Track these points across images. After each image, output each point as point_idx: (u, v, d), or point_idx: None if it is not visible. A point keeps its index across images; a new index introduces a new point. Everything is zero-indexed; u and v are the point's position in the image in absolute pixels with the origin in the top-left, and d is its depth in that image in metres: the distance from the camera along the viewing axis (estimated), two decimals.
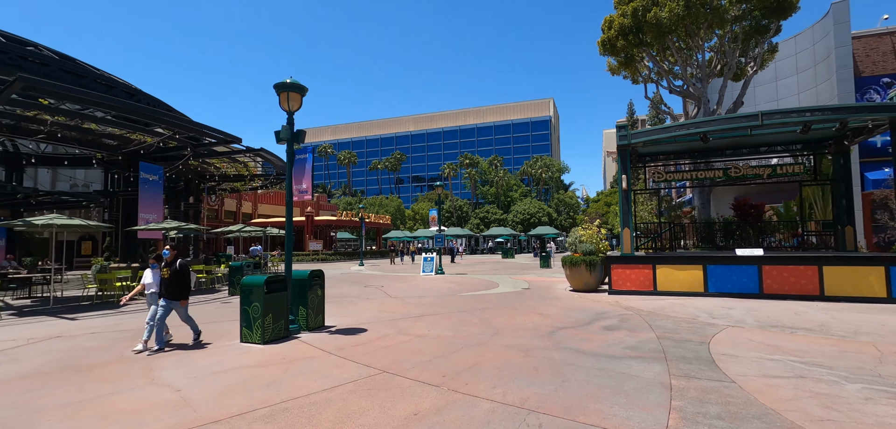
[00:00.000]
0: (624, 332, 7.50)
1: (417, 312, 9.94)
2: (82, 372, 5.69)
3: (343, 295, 13.67)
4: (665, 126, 12.13)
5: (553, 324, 8.33)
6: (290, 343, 7.02)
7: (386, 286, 16.16)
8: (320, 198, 58.74)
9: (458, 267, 27.95)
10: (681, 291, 11.75)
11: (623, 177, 12.91)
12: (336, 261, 37.92)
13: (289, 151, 7.91)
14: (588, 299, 11.61)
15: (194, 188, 22.26)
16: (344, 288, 15.83)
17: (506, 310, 10.11)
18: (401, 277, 20.02)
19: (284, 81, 7.81)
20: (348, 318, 9.38)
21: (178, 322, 8.89)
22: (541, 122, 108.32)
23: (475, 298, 12.52)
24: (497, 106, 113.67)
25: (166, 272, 7.10)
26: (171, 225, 14.83)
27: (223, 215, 40.57)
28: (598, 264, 13.32)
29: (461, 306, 10.77)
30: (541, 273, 21.35)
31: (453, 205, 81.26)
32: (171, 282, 7.02)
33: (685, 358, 5.85)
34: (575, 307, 10.29)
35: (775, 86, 29.15)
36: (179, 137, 15.30)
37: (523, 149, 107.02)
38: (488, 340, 7.10)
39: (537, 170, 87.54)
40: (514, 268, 25.85)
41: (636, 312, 9.38)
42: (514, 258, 39.64)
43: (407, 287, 15.75)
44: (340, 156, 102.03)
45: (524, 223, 70.94)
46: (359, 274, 22.97)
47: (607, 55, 20.42)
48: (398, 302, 11.79)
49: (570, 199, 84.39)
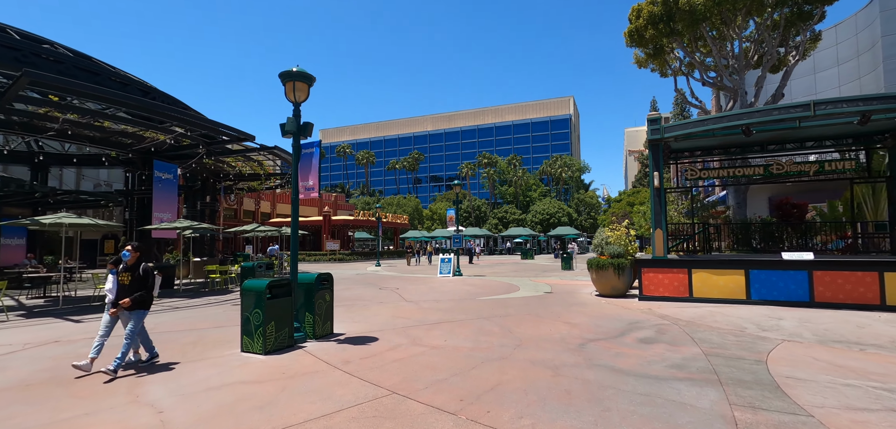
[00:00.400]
0: (664, 346, 6.68)
1: (433, 319, 9.27)
2: (65, 386, 5.20)
3: (356, 298, 13.11)
4: (703, 118, 11.17)
5: (582, 335, 7.54)
6: (294, 354, 6.43)
7: (401, 289, 15.56)
8: (338, 198, 58.73)
9: (476, 268, 27.22)
10: (720, 297, 10.78)
11: (655, 174, 11.99)
12: (353, 261, 37.60)
13: (295, 144, 7.34)
14: (617, 306, 10.75)
15: (210, 187, 22.10)
16: (358, 290, 15.28)
17: (529, 317, 9.35)
18: (417, 279, 19.41)
19: (290, 70, 7.24)
20: (359, 324, 8.77)
21: (170, 330, 8.41)
22: (560, 120, 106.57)
23: (495, 303, 11.78)
24: (516, 105, 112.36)
25: (126, 278, 5.88)
26: (184, 224, 14.54)
27: (242, 215, 40.74)
28: (627, 268, 12.43)
29: (480, 312, 10.06)
30: (563, 276, 20.45)
31: (471, 205, 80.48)
32: (132, 290, 5.82)
33: (743, 381, 5.01)
34: (604, 315, 9.46)
35: (813, 78, 27.54)
36: (192, 134, 15.00)
37: (543, 148, 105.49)
38: (511, 353, 6.38)
39: (557, 169, 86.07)
40: (535, 270, 24.97)
41: (673, 322, 8.51)
42: (534, 259, 38.65)
43: (423, 290, 15.11)
44: (358, 156, 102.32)
45: (543, 223, 69.68)
46: (375, 275, 22.46)
47: (634, 47, 19.39)
48: (413, 306, 11.14)
49: (590, 199, 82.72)
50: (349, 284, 17.66)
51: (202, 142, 15.90)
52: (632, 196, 63.61)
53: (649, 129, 11.96)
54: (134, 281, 5.88)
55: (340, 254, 38.54)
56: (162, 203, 16.59)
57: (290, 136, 7.33)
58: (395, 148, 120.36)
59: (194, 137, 15.37)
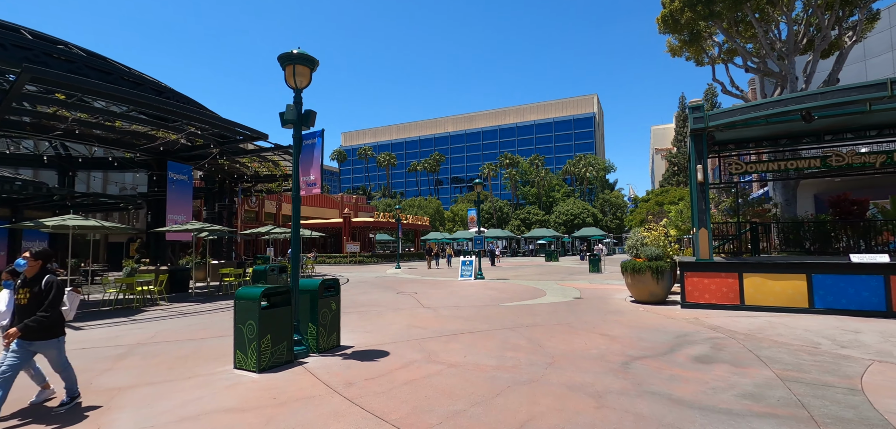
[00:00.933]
0: (725, 367, 5.60)
1: (452, 328, 8.37)
2: (26, 417, 4.52)
3: (372, 303, 12.32)
4: (755, 103, 9.93)
5: (624, 350, 6.51)
6: (291, 373, 5.63)
7: (420, 293, 14.72)
8: (359, 200, 58.54)
9: (498, 271, 26.19)
10: (776, 305, 9.52)
11: (698, 168, 10.79)
12: (373, 263, 37.06)
13: (295, 135, 6.58)
14: (658, 314, 9.62)
15: (228, 189, 21.79)
16: (374, 294, 14.52)
17: (560, 328, 8.34)
18: (437, 283, 18.54)
19: (290, 52, 6.48)
20: (370, 335, 7.94)
21: (169, 339, 7.75)
22: (584, 119, 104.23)
23: (520, 309, 10.80)
24: (538, 104, 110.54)
25: (24, 296, 4.23)
26: (196, 226, 14.08)
27: (263, 217, 40.76)
28: (667, 271, 11.26)
29: (504, 321, 9.10)
30: (592, 279, 19.24)
31: (493, 206, 79.28)
32: (29, 311, 4.19)
33: (843, 419, 3.94)
34: (646, 325, 8.37)
35: (864, 65, 25.48)
36: (205, 133, 14.56)
37: (566, 148, 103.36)
38: (542, 374, 5.42)
39: (581, 169, 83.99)
40: (561, 272, 23.80)
41: (729, 335, 7.37)
42: (559, 261, 37.32)
43: (442, 294, 14.23)
44: (380, 158, 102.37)
45: (567, 224, 67.94)
46: (394, 278, 21.72)
47: (668, 33, 18.06)
48: (431, 314, 10.26)
49: (616, 199, 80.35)
50: (366, 287, 16.94)
51: (215, 141, 15.45)
52: (660, 195, 61.27)
53: (692, 117, 10.78)
54: (33, 299, 4.22)
55: (361, 256, 38.07)
56: (176, 205, 16.23)
57: (290, 126, 6.57)
58: (416, 150, 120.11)
59: (207, 136, 14.93)
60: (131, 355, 6.76)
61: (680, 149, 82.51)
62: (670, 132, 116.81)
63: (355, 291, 15.82)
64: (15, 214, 17.79)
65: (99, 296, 14.28)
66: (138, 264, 16.89)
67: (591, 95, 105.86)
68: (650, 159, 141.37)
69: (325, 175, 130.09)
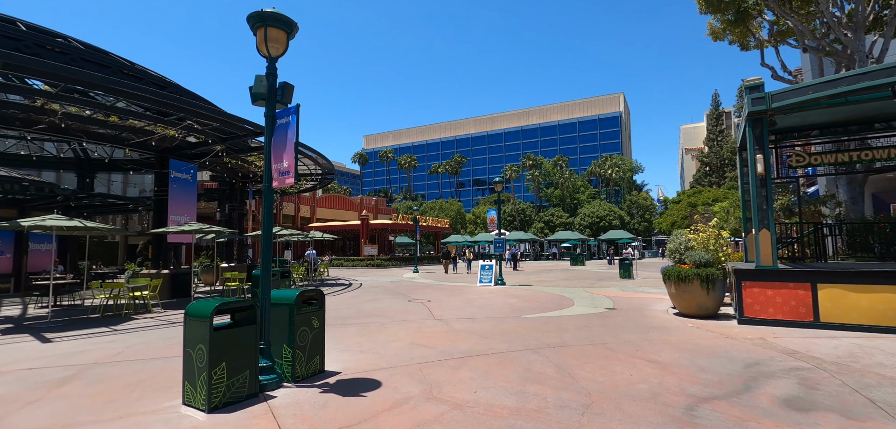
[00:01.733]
0: (834, 418, 4.07)
1: (464, 348, 7.01)
2: None
3: (377, 312, 11.07)
4: (832, 78, 8.23)
5: (682, 386, 5.02)
6: (248, 413, 4.39)
7: (434, 301, 13.41)
8: (379, 202, 57.77)
9: (521, 275, 24.67)
10: (863, 324, 7.79)
11: (758, 158, 9.12)
12: (391, 267, 36.00)
13: (268, 114, 5.37)
14: (712, 332, 8.03)
15: (238, 189, 21.02)
16: (384, 301, 13.28)
17: (594, 349, 6.88)
18: (454, 289, 17.20)
19: (262, 11, 5.28)
20: (365, 356, 6.66)
21: (133, 358, 6.67)
22: (610, 118, 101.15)
23: (545, 323, 9.35)
24: (561, 104, 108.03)
25: None
26: (194, 227, 13.17)
27: (281, 219, 40.27)
28: (719, 280, 9.61)
29: (526, 339, 7.69)
30: (623, 286, 17.53)
31: (516, 208, 77.44)
32: None
33: None
34: (701, 348, 6.82)
35: None
36: (205, 128, 13.65)
37: (591, 148, 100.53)
38: (577, 421, 4.01)
39: (606, 170, 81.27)
40: (588, 277, 22.10)
41: (815, 365, 5.77)
42: (585, 266, 35.42)
43: (458, 303, 12.87)
44: (401, 160, 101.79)
45: (593, 227, 65.54)
46: (410, 283, 20.50)
47: (709, 14, 16.28)
48: (441, 328, 8.92)
49: (644, 200, 77.28)
50: (377, 293, 15.73)
51: (217, 138, 14.55)
52: (693, 196, 58.31)
53: (749, 99, 9.12)
54: None
55: (379, 259, 37.08)
56: (179, 205, 15.42)
57: (262, 102, 5.37)
58: (437, 152, 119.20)
59: (208, 131, 14.03)
60: (77, 378, 5.67)
61: (712, 148, 78.83)
62: (701, 131, 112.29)
63: (364, 297, 14.64)
64: (21, 214, 17.37)
65: (96, 301, 13.53)
66: (141, 268, 16.17)
67: (617, 94, 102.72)
68: (679, 160, 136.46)
69: (345, 178, 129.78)
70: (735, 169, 70.69)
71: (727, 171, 72.01)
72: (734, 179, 66.02)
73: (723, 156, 73.79)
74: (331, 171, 21.39)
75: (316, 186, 25.92)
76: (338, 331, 8.60)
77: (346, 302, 13.38)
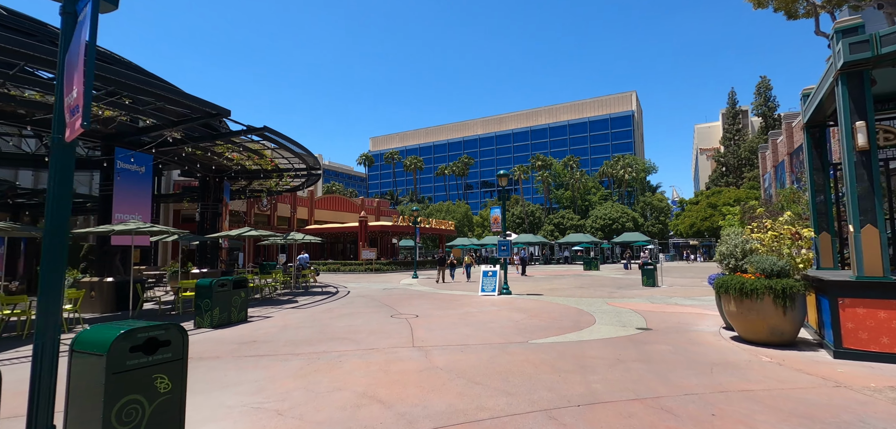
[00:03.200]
0: None
1: (438, 408, 4.55)
2: None
3: (343, 336, 8.64)
4: None
5: None
6: None
7: (422, 315, 10.97)
8: (382, 203, 55.54)
9: (529, 282, 22.11)
10: None
11: (858, 126, 6.55)
12: (391, 271, 33.64)
13: (64, 10, 2.97)
14: (809, 375, 5.48)
15: (213, 186, 18.78)
16: (361, 318, 10.86)
17: (645, 414, 4.37)
18: (450, 300, 14.75)
19: None
20: (276, 423, 4.23)
21: None
22: (622, 118, 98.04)
23: (561, 355, 6.85)
24: (572, 103, 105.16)
25: None
26: (131, 226, 10.82)
27: (275, 221, 38.18)
28: (800, 296, 7.04)
29: (535, 387, 5.21)
30: (649, 296, 14.92)
31: (525, 210, 74.78)
32: None
33: None
34: (814, 412, 4.28)
35: None
36: (147, 108, 11.38)
37: (602, 148, 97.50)
38: None
39: (619, 170, 78.20)
40: (606, 285, 19.50)
41: None
42: (600, 271, 32.76)
43: (450, 319, 10.41)
44: (406, 161, 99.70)
45: (605, 229, 62.65)
46: (403, 291, 18.09)
47: None
48: (416, 363, 6.47)
49: (658, 201, 74.08)
50: (360, 305, 13.33)
51: (168, 121, 12.28)
52: (713, 196, 55.21)
53: (845, 46, 6.55)
54: None
55: (377, 264, 34.73)
56: (126, 201, 13.19)
57: None
58: (444, 153, 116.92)
59: (156, 114, 11.77)
60: None
61: (729, 148, 75.38)
62: (716, 131, 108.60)
63: (341, 310, 12.24)
64: None
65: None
66: (84, 275, 13.96)
67: (629, 93, 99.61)
68: (693, 160, 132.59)
69: (353, 181, 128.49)
70: (754, 169, 67.24)
71: (745, 171, 68.68)
72: (753, 179, 62.66)
73: (740, 155, 70.46)
74: (316, 166, 19.08)
75: (303, 185, 23.66)
76: (269, 368, 6.20)
77: (315, 318, 10.99)
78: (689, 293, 15.52)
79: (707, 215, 53.09)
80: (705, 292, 15.48)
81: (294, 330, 9.25)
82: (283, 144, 15.01)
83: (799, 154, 35.80)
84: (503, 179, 16.20)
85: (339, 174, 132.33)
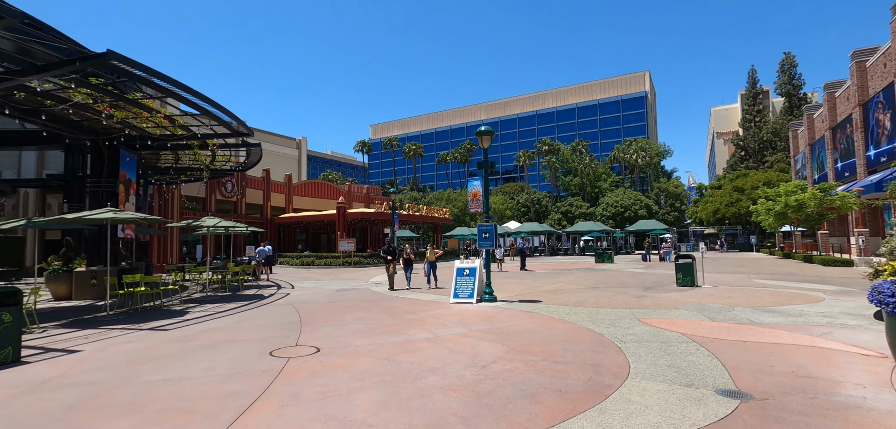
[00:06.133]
0: None
1: None
2: None
3: (168, 405, 4.03)
4: None
5: None
6: None
7: (329, 350, 6.35)
8: (371, 190, 50.96)
9: (527, 279, 17.37)
10: None
11: None
12: (371, 265, 29.05)
13: None
14: None
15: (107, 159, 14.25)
16: (218, 358, 6.24)
17: None
18: (401, 312, 10.11)
19: None
20: None
21: None
22: (634, 99, 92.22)
23: None
24: (581, 85, 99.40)
25: None
26: None
27: (243, 209, 33.73)
28: None
29: None
30: (699, 304, 10.11)
31: (530, 198, 69.80)
32: None
33: None
34: None
35: None
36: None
37: (613, 132, 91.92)
38: None
39: (631, 155, 72.60)
40: (627, 284, 14.72)
41: None
42: (614, 263, 27.92)
43: (365, 365, 5.76)
44: (406, 148, 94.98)
45: (616, 218, 57.50)
46: (360, 295, 13.50)
47: None
48: None
49: (674, 187, 68.57)
50: (253, 325, 8.72)
51: None
52: (738, 179, 49.80)
53: None
54: None
55: (357, 256, 30.20)
56: None
57: None
58: (446, 140, 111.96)
59: None
60: None
61: (749, 130, 69.44)
62: (734, 113, 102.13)
63: (212, 337, 7.64)
64: None
65: None
66: None
67: (643, 73, 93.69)
68: (709, 144, 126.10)
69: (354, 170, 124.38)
70: (776, 152, 61.47)
71: (766, 154, 62.95)
72: (776, 162, 57.00)
73: (762, 137, 64.60)
74: (245, 131, 14.42)
75: (247, 161, 19.09)
76: None
77: (134, 360, 6.43)
78: (753, 298, 10.71)
79: (733, 200, 47.82)
80: (778, 297, 10.70)
81: (28, 402, 4.66)
82: (165, 88, 10.35)
83: (846, 127, 30.47)
84: (485, 138, 11.44)
85: (342, 164, 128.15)
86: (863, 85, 26.73)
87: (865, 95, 26.73)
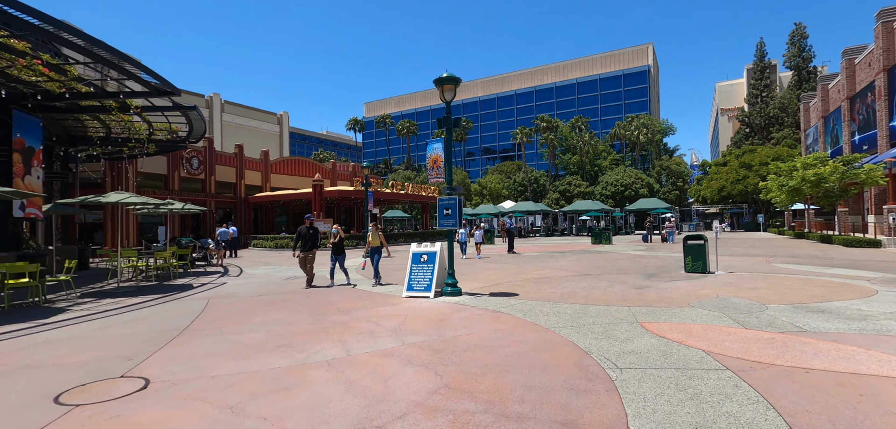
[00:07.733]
0: None
1: None
2: None
3: None
4: None
5: None
6: None
7: (191, 379, 4.07)
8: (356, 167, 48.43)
9: (511, 264, 15.06)
10: None
11: None
12: (350, 247, 26.75)
13: None
14: None
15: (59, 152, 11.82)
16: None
17: None
18: (342, 313, 7.84)
19: None
20: None
21: None
22: (636, 74, 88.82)
23: None
24: (581, 59, 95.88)
25: None
26: None
27: (213, 187, 31.27)
28: None
29: None
30: (719, 302, 7.81)
31: (527, 176, 67.26)
32: None
33: None
34: None
35: None
36: None
37: (614, 108, 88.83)
38: None
39: (632, 132, 69.66)
40: (626, 270, 12.43)
41: None
42: (613, 244, 25.63)
43: (205, 422, 3.48)
44: (399, 127, 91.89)
45: (616, 197, 55.04)
46: (296, 290, 11.24)
47: None
48: None
49: (676, 165, 65.94)
50: (109, 342, 6.47)
51: None
52: (745, 155, 47.18)
53: None
54: None
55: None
56: None
57: None
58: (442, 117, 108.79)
59: None
60: None
61: (755, 106, 66.38)
62: (739, 89, 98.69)
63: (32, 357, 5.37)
64: None
65: None
66: None
67: (646, 46, 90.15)
68: (712, 121, 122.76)
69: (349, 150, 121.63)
70: (783, 128, 58.66)
71: (773, 130, 60.16)
72: (783, 138, 54.32)
73: (768, 113, 61.70)
74: (169, 89, 11.91)
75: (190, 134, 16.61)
76: None
77: None
78: (784, 291, 8.39)
79: (739, 177, 45.31)
80: (817, 289, 8.39)
81: None
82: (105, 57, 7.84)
83: (867, 95, 27.82)
84: (448, 87, 9.00)
85: (337, 144, 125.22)
86: (889, 48, 24.04)
87: (892, 59, 24.06)
